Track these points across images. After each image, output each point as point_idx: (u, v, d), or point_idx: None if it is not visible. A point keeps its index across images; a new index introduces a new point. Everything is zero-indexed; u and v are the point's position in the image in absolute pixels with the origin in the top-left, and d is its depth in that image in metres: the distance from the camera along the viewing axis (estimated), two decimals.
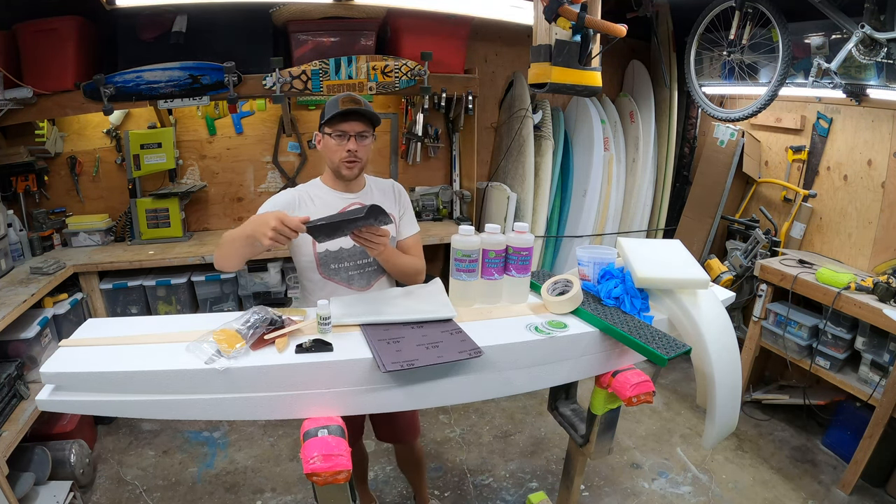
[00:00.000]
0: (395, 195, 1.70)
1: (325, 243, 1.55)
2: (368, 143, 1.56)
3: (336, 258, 1.59)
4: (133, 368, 1.12)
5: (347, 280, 1.62)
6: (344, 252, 1.59)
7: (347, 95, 1.54)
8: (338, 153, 1.53)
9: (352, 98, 1.52)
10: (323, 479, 1.07)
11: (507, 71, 3.24)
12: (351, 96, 1.53)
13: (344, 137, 1.52)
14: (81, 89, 2.36)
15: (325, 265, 1.60)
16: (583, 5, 1.77)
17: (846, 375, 2.35)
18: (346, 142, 1.52)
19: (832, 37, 2.34)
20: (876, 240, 2.50)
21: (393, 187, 1.72)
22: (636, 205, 3.29)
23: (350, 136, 1.52)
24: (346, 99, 1.52)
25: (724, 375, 1.39)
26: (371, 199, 1.63)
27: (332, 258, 1.59)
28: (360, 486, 2.07)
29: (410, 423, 1.88)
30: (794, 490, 2.26)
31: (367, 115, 1.52)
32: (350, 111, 1.49)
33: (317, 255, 1.58)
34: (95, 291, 2.50)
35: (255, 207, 2.97)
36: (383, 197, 1.67)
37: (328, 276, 1.60)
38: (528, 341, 1.29)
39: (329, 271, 1.60)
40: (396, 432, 1.88)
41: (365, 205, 1.29)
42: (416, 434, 1.92)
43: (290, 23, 2.57)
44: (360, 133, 1.53)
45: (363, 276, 1.63)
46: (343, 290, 1.61)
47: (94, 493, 2.20)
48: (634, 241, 1.64)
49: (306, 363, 1.16)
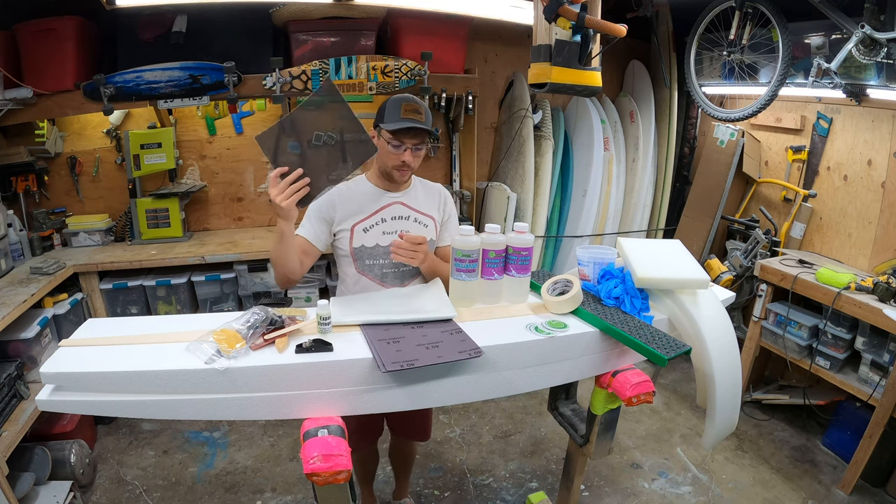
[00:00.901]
0: (440, 200, 1.70)
1: (360, 239, 1.57)
2: (422, 152, 1.56)
3: (371, 254, 1.59)
4: (133, 368, 1.12)
5: (381, 277, 1.62)
6: (380, 249, 1.59)
7: (411, 102, 1.49)
8: (392, 160, 1.53)
9: (414, 107, 1.48)
10: (323, 479, 1.07)
11: (507, 71, 3.24)
12: (414, 104, 1.49)
13: (401, 147, 1.51)
14: (81, 89, 2.36)
15: (360, 260, 1.60)
16: (583, 5, 1.77)
17: (846, 375, 2.35)
18: (402, 153, 1.51)
19: (832, 37, 2.34)
20: (876, 240, 2.51)
21: (440, 192, 1.71)
22: (636, 205, 3.29)
23: (407, 147, 1.51)
24: (409, 107, 1.48)
25: (724, 375, 1.39)
26: (412, 200, 1.63)
27: (367, 254, 1.59)
28: (365, 487, 2.08)
29: (422, 425, 1.90)
30: (794, 490, 2.26)
31: (426, 130, 1.50)
32: (412, 128, 1.47)
33: (352, 249, 1.59)
34: (95, 291, 2.50)
35: (255, 207, 3.06)
36: (427, 199, 1.67)
37: (362, 272, 1.61)
38: (528, 341, 1.29)
39: (364, 266, 1.60)
40: (408, 428, 1.91)
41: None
42: (424, 437, 1.95)
43: (290, 23, 2.57)
44: (416, 145, 1.52)
45: (397, 276, 1.63)
46: (375, 286, 1.61)
47: (94, 493, 2.20)
48: (634, 241, 1.64)
49: (306, 363, 1.16)
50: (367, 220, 1.58)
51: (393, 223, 1.60)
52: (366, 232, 1.58)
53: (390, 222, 1.60)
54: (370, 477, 2.09)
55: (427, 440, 1.98)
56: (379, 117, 1.54)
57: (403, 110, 1.47)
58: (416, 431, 1.93)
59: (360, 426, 1.77)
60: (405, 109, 1.47)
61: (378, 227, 1.58)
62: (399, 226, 1.60)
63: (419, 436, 1.95)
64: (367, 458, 1.99)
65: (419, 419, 1.88)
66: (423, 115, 1.49)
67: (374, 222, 1.58)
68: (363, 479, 2.05)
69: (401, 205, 1.61)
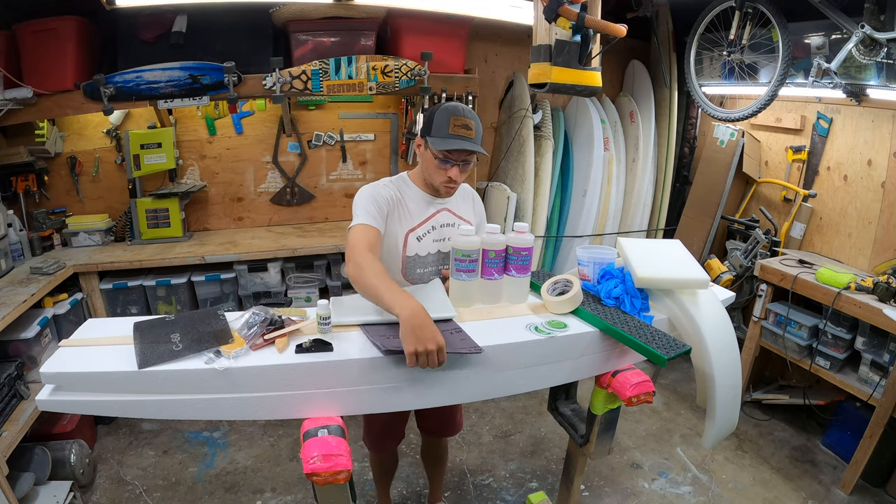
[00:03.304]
0: (472, 202, 1.68)
1: (414, 247, 1.54)
2: (469, 167, 1.50)
3: (423, 263, 1.57)
4: (133, 368, 1.11)
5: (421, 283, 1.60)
6: (430, 257, 1.58)
7: (461, 116, 1.41)
8: (439, 176, 1.48)
9: (464, 123, 1.41)
10: (323, 479, 1.07)
11: (507, 71, 3.24)
12: (463, 119, 1.41)
13: (448, 163, 1.45)
14: (81, 89, 2.36)
15: (412, 269, 1.57)
16: (583, 5, 1.77)
17: (846, 375, 2.35)
18: (449, 168, 1.46)
19: (832, 37, 2.34)
20: (876, 240, 2.51)
21: (471, 194, 1.69)
22: (636, 205, 3.29)
23: (455, 164, 1.46)
24: (458, 122, 1.40)
25: (724, 375, 1.39)
26: (455, 206, 1.61)
27: (419, 263, 1.57)
28: (381, 488, 2.06)
29: (453, 418, 1.88)
30: (794, 490, 2.26)
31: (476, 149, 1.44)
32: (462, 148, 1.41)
33: (405, 258, 1.55)
34: (95, 291, 2.50)
35: (255, 207, 3.06)
36: (463, 202, 1.65)
37: (411, 279, 1.58)
38: (528, 341, 1.29)
39: (414, 275, 1.58)
40: (441, 426, 1.89)
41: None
42: (457, 430, 1.93)
43: (290, 23, 2.57)
44: (464, 160, 1.47)
45: None
46: None
47: (94, 493, 2.20)
48: (634, 241, 1.64)
49: (306, 363, 1.16)
50: (420, 227, 1.54)
51: (442, 230, 1.58)
52: (419, 241, 1.54)
53: (440, 230, 1.57)
54: (388, 479, 2.07)
55: (457, 433, 1.95)
56: (426, 128, 1.47)
57: (452, 125, 1.40)
58: (447, 426, 1.89)
59: (386, 427, 1.77)
60: (454, 125, 1.40)
61: (429, 236, 1.56)
62: (448, 233, 1.58)
63: (451, 430, 1.91)
64: (386, 461, 1.98)
65: (449, 412, 1.84)
66: (472, 131, 1.42)
67: (425, 230, 1.55)
68: (380, 481, 2.05)
69: (447, 211, 1.59)
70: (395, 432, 1.83)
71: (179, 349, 1.16)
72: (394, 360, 1.19)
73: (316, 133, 3.05)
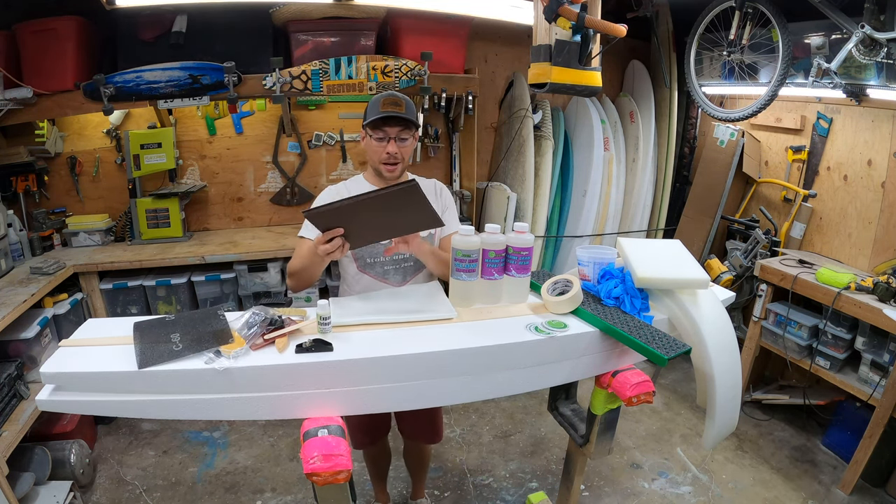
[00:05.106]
0: (435, 192, 1.70)
1: None
2: (409, 144, 1.57)
3: (371, 252, 1.60)
4: (133, 368, 1.11)
5: (383, 274, 1.62)
6: (380, 246, 1.59)
7: (390, 96, 1.52)
8: (378, 154, 1.55)
9: (393, 100, 1.51)
10: (323, 479, 1.07)
11: (507, 71, 3.24)
12: (393, 97, 1.51)
13: (384, 140, 1.53)
14: (81, 89, 2.36)
15: (361, 259, 1.61)
16: (583, 5, 1.77)
17: (846, 375, 2.35)
18: (387, 144, 1.53)
19: (832, 37, 2.34)
20: (876, 240, 2.51)
21: (434, 186, 1.72)
22: (636, 205, 3.29)
23: (390, 138, 1.53)
24: (388, 101, 1.51)
25: (724, 375, 1.39)
26: None
27: (368, 252, 1.60)
28: (378, 484, 2.08)
29: (431, 425, 1.89)
30: (794, 490, 2.26)
31: (408, 121, 1.52)
32: (389, 116, 1.49)
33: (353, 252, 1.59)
34: (95, 291, 2.50)
35: (255, 207, 3.06)
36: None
37: (364, 270, 1.62)
38: (528, 341, 1.29)
39: (365, 265, 1.61)
40: (416, 430, 1.90)
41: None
42: (435, 438, 1.94)
43: (290, 23, 2.57)
44: (399, 136, 1.53)
45: (398, 272, 1.63)
46: (378, 284, 1.62)
47: (94, 493, 2.20)
48: (634, 241, 1.64)
49: (306, 363, 1.16)
50: None
51: None
52: None
53: None
54: (383, 474, 2.08)
55: (438, 442, 1.97)
56: (364, 118, 1.57)
57: (382, 104, 1.50)
58: (425, 434, 1.91)
59: (364, 424, 1.77)
60: (384, 103, 1.50)
61: None
62: None
63: (428, 438, 1.93)
64: (377, 456, 1.99)
65: (427, 422, 1.87)
66: (402, 107, 1.51)
67: None
68: (375, 476, 2.06)
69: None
70: (377, 426, 1.84)
71: (179, 349, 1.16)
72: (395, 360, 1.19)
73: (316, 133, 3.05)
